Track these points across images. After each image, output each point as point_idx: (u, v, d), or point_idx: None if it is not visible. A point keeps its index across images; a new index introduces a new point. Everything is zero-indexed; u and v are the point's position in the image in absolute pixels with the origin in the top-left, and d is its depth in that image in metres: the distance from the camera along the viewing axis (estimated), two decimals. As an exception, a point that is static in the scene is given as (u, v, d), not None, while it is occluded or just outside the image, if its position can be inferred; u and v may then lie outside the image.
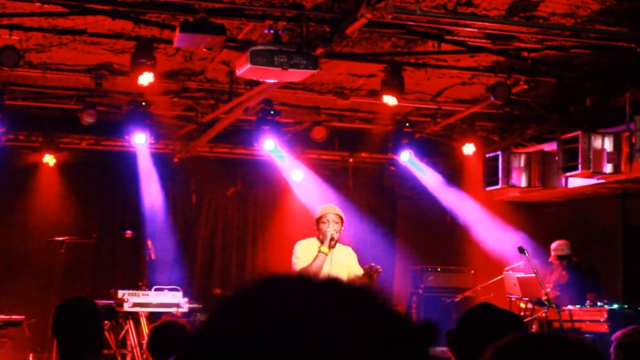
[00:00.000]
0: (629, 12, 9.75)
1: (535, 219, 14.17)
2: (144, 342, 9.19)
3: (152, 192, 14.35)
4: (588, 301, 11.42)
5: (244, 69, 8.89)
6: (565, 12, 9.96)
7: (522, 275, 11.89)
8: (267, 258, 15.67)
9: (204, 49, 8.90)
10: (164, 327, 4.98)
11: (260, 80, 9.82)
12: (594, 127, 11.57)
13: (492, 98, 11.61)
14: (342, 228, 8.38)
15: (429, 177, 14.84)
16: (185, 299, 11.20)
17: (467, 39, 10.81)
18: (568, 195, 13.28)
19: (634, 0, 9.49)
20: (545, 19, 10.17)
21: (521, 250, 10.66)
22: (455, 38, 10.71)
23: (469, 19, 9.46)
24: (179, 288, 11.35)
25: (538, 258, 12.98)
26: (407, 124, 14.12)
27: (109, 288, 12.05)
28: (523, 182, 13.04)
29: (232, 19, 9.20)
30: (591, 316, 10.98)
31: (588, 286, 11.94)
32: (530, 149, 13.35)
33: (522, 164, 13.03)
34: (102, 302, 11.61)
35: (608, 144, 11.28)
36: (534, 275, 11.76)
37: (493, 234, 14.22)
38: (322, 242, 8.21)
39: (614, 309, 10.90)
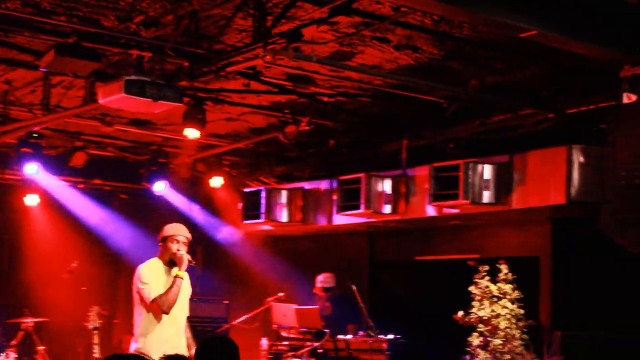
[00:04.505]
0: (437, 70, 10.73)
1: (288, 251, 14.79)
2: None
3: None
4: (350, 332, 12.25)
5: (112, 98, 8.66)
6: (375, 64, 10.75)
7: (299, 307, 12.45)
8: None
9: (69, 74, 8.59)
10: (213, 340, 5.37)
11: (125, 109, 9.57)
12: (370, 169, 12.45)
13: (280, 137, 12.14)
14: None
15: (183, 207, 14.92)
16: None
17: (271, 79, 11.27)
18: (320, 230, 14.03)
19: (446, 60, 10.45)
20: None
21: (350, 285, 11.26)
22: (264, 78, 11.15)
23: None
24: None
25: (296, 288, 13.67)
26: (162, 155, 14.20)
27: None
28: (284, 218, 13.60)
29: (100, 45, 8.90)
30: (371, 346, 11.79)
31: (348, 318, 12.71)
32: (291, 186, 13.95)
33: (284, 200, 13.60)
34: None
35: (387, 187, 12.19)
36: (314, 307, 12.44)
37: (248, 265, 14.67)
38: (167, 263, 7.89)
39: (392, 339, 11.82)
